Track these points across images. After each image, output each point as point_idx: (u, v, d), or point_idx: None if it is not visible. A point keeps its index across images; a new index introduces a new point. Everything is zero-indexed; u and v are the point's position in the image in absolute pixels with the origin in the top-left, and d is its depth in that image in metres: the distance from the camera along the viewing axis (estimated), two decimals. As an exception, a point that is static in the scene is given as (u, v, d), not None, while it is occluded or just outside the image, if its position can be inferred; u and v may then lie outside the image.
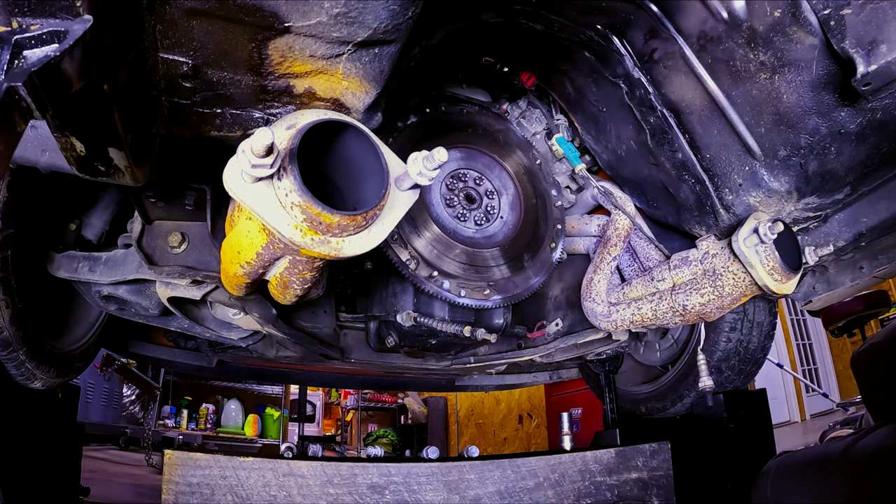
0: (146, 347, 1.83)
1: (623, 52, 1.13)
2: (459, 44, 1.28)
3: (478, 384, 2.47)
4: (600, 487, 1.53)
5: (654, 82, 1.13)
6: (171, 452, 1.30)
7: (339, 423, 8.24)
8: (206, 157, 1.01)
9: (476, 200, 1.37)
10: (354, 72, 0.77)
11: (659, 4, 1.01)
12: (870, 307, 4.47)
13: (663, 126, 1.16)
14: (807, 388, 6.70)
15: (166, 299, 1.20)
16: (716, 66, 1.02)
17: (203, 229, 1.19)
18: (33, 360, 1.17)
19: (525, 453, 1.56)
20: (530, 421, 6.39)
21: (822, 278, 1.30)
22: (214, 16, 0.66)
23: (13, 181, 1.01)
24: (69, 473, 1.51)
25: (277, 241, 0.79)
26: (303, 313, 1.42)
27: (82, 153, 0.73)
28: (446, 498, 1.40)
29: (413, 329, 1.37)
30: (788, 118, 0.99)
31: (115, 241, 1.23)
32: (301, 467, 1.33)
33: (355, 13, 0.66)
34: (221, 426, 6.22)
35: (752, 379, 1.90)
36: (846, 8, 0.81)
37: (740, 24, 0.93)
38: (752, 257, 1.07)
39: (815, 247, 1.17)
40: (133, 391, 4.86)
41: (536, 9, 1.08)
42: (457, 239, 1.31)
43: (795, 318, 7.16)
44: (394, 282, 1.42)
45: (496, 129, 1.47)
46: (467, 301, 1.32)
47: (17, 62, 0.49)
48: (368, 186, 0.84)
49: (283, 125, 0.80)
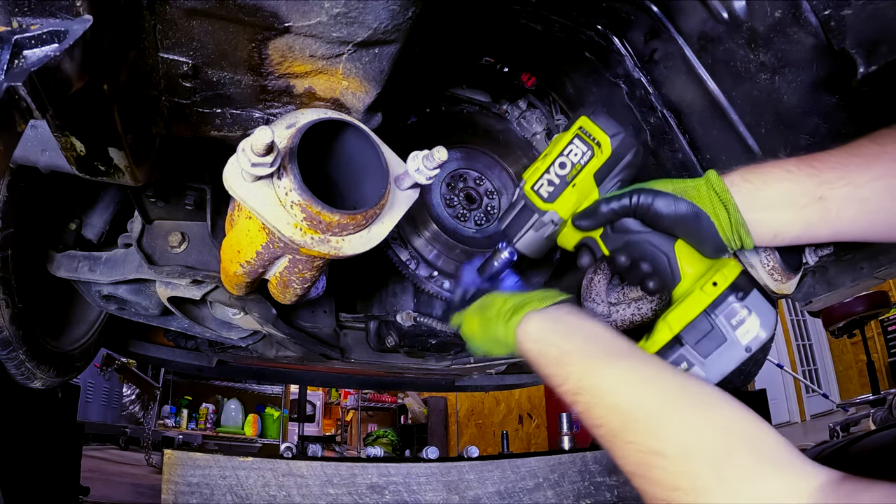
0: (146, 347, 1.83)
1: (623, 53, 1.13)
2: (459, 44, 1.28)
3: (478, 384, 2.47)
4: (600, 488, 1.53)
5: (655, 83, 1.14)
6: (170, 452, 1.30)
7: (339, 423, 8.25)
8: (206, 157, 1.01)
9: (476, 200, 1.37)
10: (354, 72, 0.77)
11: (659, 5, 1.02)
12: (870, 308, 4.48)
13: (663, 126, 1.17)
14: (807, 389, 6.70)
15: (166, 299, 1.20)
16: (716, 67, 1.02)
17: (203, 229, 1.19)
18: (33, 360, 1.17)
19: (525, 453, 1.56)
20: (530, 421, 6.39)
21: (822, 279, 1.30)
22: (214, 16, 0.66)
23: (13, 181, 1.01)
24: (69, 473, 1.51)
25: (277, 239, 0.79)
26: (303, 313, 1.42)
27: (82, 153, 0.73)
28: (446, 498, 1.40)
29: (413, 329, 1.37)
30: (789, 119, 0.99)
31: (115, 241, 1.23)
32: (300, 467, 1.33)
33: (355, 13, 0.66)
34: (221, 426, 6.22)
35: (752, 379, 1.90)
36: (846, 8, 0.81)
37: (741, 25, 0.93)
38: (751, 258, 1.07)
39: (816, 247, 1.17)
40: (133, 391, 4.86)
41: (536, 9, 1.08)
42: (457, 239, 1.31)
43: (795, 319, 7.17)
44: (394, 282, 1.42)
45: (496, 130, 1.47)
46: (467, 301, 1.32)
47: (17, 62, 0.49)
48: (368, 186, 0.84)
49: (283, 124, 0.80)
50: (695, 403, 0.59)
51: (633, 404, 0.60)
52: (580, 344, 0.70)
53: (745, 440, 0.54)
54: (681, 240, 0.79)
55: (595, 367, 0.66)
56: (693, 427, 0.56)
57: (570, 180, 0.84)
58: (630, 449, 0.59)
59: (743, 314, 0.74)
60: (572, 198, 0.84)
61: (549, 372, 0.72)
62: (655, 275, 0.80)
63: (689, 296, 0.77)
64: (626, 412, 0.60)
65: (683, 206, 0.76)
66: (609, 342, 0.70)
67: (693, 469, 0.53)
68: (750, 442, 0.54)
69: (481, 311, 0.86)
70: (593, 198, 0.84)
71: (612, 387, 0.63)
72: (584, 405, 0.65)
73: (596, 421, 0.63)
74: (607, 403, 0.62)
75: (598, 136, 0.82)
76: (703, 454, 0.53)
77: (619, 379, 0.64)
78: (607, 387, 0.63)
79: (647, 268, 0.80)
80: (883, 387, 4.97)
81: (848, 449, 1.71)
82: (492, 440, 6.34)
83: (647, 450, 0.56)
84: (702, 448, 0.54)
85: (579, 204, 0.85)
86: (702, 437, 0.55)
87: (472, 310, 0.88)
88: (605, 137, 0.82)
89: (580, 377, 0.66)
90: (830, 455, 1.75)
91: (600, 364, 0.66)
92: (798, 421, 6.58)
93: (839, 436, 3.88)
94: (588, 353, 0.68)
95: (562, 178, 0.84)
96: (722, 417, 0.57)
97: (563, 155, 0.84)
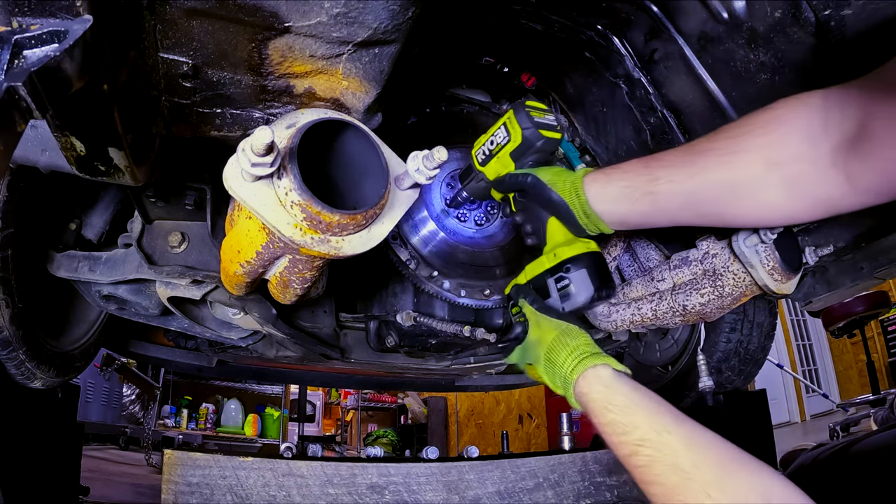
0: (146, 347, 1.83)
1: (623, 53, 1.13)
2: (459, 44, 1.28)
3: (478, 384, 2.47)
4: (600, 488, 1.53)
5: (655, 83, 1.14)
6: (170, 452, 1.30)
7: (339, 423, 8.25)
8: (206, 157, 1.01)
9: (476, 200, 1.37)
10: (354, 72, 0.77)
11: (659, 5, 1.02)
12: (870, 308, 4.47)
13: (664, 126, 1.17)
14: (807, 389, 6.70)
15: (166, 299, 1.20)
16: (716, 67, 1.02)
17: (203, 229, 1.19)
18: (33, 360, 1.17)
19: (525, 453, 1.56)
20: (530, 421, 6.39)
21: (822, 279, 1.30)
22: (214, 16, 0.66)
23: (13, 181, 1.01)
24: (69, 473, 1.51)
25: (277, 239, 0.79)
26: (303, 313, 1.42)
27: (82, 153, 0.73)
28: (446, 498, 1.40)
29: (413, 329, 1.37)
30: (789, 119, 0.99)
31: (115, 241, 1.23)
32: (300, 467, 1.33)
33: (355, 13, 0.66)
34: (221, 426, 6.22)
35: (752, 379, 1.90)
36: (846, 8, 0.81)
37: (741, 25, 0.93)
38: (752, 257, 1.07)
39: (816, 247, 1.17)
40: (133, 391, 4.86)
41: (536, 9, 1.08)
42: (457, 239, 1.31)
43: (795, 319, 7.16)
44: (394, 282, 1.42)
45: (496, 130, 1.47)
46: (467, 301, 1.32)
47: (17, 62, 0.49)
48: (368, 186, 0.84)
49: (283, 124, 0.80)
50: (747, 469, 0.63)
51: (693, 466, 0.63)
52: (647, 401, 0.74)
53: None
54: (553, 216, 1.01)
55: (664, 425, 0.69)
56: (743, 486, 0.60)
57: (494, 154, 1.09)
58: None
59: (567, 283, 0.98)
60: (495, 166, 1.10)
61: (612, 419, 0.74)
62: (534, 235, 1.05)
63: (541, 258, 1.02)
64: (685, 472, 0.63)
65: (551, 194, 0.98)
66: (667, 405, 0.74)
67: None
68: None
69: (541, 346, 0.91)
70: (510, 169, 1.08)
71: (677, 446, 0.66)
72: (645, 459, 0.67)
73: (654, 477, 0.66)
74: (670, 462, 0.65)
75: (515, 127, 1.04)
76: None
77: (685, 440, 0.67)
78: (674, 445, 0.66)
79: (529, 228, 1.06)
80: (883, 387, 4.97)
81: (847, 450, 1.71)
82: (492, 440, 6.34)
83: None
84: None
85: (499, 172, 1.10)
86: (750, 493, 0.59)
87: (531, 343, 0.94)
88: (518, 129, 1.04)
89: (648, 430, 0.69)
90: (830, 457, 1.75)
91: (668, 422, 0.69)
92: (798, 421, 6.58)
93: (839, 436, 3.88)
94: (656, 410, 0.72)
95: (490, 151, 1.09)
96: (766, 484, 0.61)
97: (493, 136, 1.09)
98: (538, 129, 1.04)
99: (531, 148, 1.05)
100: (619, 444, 0.72)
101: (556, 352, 0.86)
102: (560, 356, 0.85)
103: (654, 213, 0.89)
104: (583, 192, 0.93)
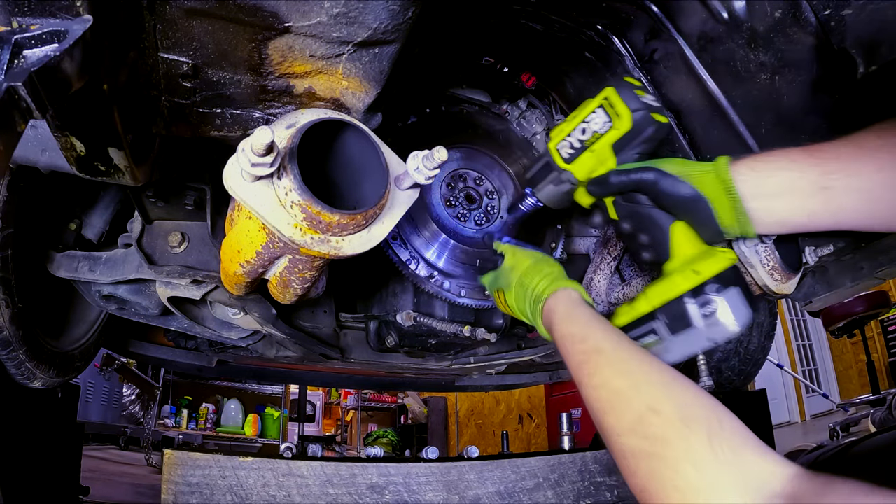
0: (146, 347, 1.83)
1: (623, 53, 1.13)
2: (459, 44, 1.28)
3: (478, 384, 2.47)
4: (600, 488, 1.53)
5: (655, 83, 1.14)
6: (170, 452, 1.30)
7: (339, 423, 8.25)
8: (206, 157, 1.01)
9: (476, 200, 1.37)
10: (354, 72, 0.77)
11: (659, 5, 1.01)
12: (870, 308, 4.47)
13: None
14: (807, 389, 6.70)
15: (166, 299, 1.20)
16: (716, 67, 1.02)
17: (203, 229, 1.19)
18: (33, 360, 1.17)
19: (525, 453, 1.56)
20: (530, 421, 6.39)
21: (822, 279, 1.30)
22: (214, 16, 0.66)
23: (13, 181, 1.01)
24: (69, 473, 1.51)
25: (277, 239, 0.79)
26: (303, 313, 1.42)
27: (82, 153, 0.73)
28: (446, 498, 1.40)
29: (413, 329, 1.37)
30: (789, 119, 0.99)
31: (115, 241, 1.23)
32: (300, 467, 1.33)
33: (355, 13, 0.66)
34: (221, 426, 6.22)
35: (752, 379, 1.90)
36: (846, 8, 0.81)
37: (741, 25, 0.93)
38: (752, 257, 1.07)
39: (816, 247, 1.17)
40: (133, 391, 4.86)
41: (536, 9, 1.08)
42: (457, 239, 1.31)
43: (795, 319, 7.17)
44: (394, 282, 1.42)
45: (496, 130, 1.47)
46: (468, 301, 1.32)
47: (17, 62, 0.49)
48: (368, 186, 0.84)
49: (282, 124, 0.80)
50: (692, 387, 0.64)
51: (644, 372, 0.66)
52: (607, 323, 0.77)
53: (733, 423, 0.58)
54: (681, 221, 0.81)
55: (620, 340, 0.72)
56: (690, 398, 0.61)
57: (588, 146, 0.86)
58: (628, 408, 0.63)
59: (715, 306, 0.76)
60: (589, 162, 0.87)
61: (571, 331, 0.77)
62: (651, 247, 0.84)
63: (673, 276, 0.80)
64: (633, 377, 0.66)
65: (685, 189, 0.78)
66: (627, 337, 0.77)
67: (686, 430, 0.56)
68: (735, 425, 0.58)
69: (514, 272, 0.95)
70: (609, 165, 0.86)
71: (627, 357, 0.69)
72: (594, 365, 0.70)
73: (601, 380, 0.68)
74: (619, 369, 0.67)
75: (620, 108, 0.83)
76: (698, 419, 0.57)
77: (635, 351, 0.70)
78: (624, 356, 0.69)
79: (644, 239, 0.84)
80: (883, 387, 4.97)
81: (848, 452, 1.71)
82: (492, 440, 6.34)
83: (647, 408, 0.61)
84: (697, 415, 0.58)
85: (595, 169, 0.87)
86: (697, 406, 0.60)
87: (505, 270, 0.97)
88: (626, 111, 0.83)
89: (602, 340, 0.72)
90: (830, 458, 1.75)
91: (623, 339, 0.73)
92: (798, 421, 6.58)
93: (839, 436, 3.88)
94: (615, 331, 0.75)
95: (581, 143, 0.87)
96: (713, 402, 0.61)
97: (585, 122, 0.87)
98: (650, 111, 0.83)
99: (639, 136, 0.83)
100: (573, 352, 0.74)
101: (531, 276, 0.90)
102: (534, 280, 0.89)
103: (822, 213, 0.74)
104: (734, 186, 0.75)
